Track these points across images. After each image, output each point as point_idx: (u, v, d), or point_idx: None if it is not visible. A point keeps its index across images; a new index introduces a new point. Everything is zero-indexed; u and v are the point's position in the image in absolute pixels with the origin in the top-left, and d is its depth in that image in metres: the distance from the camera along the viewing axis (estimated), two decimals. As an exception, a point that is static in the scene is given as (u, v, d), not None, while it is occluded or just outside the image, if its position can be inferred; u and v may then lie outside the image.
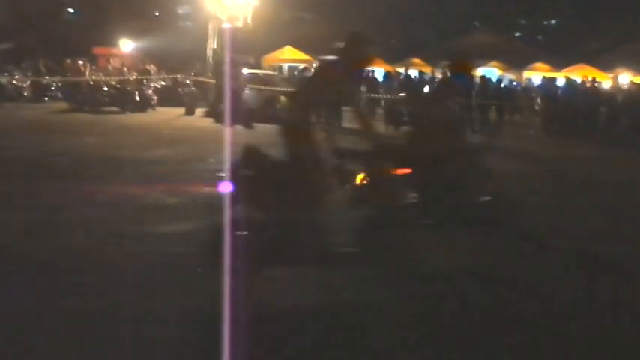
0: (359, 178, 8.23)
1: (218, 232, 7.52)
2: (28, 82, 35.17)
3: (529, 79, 44.82)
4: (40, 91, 34.85)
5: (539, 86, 34.30)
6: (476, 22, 68.21)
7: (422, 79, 32.06)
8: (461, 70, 11.22)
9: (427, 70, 45.95)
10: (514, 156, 21.63)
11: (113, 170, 15.30)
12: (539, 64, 51.55)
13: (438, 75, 37.40)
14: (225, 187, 7.71)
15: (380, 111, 30.60)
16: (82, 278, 7.92)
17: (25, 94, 34.30)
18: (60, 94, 34.24)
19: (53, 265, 8.30)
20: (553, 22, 75.51)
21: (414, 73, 40.20)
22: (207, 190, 13.28)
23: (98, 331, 6.48)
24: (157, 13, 56.97)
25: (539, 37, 71.84)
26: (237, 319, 6.51)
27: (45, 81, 35.67)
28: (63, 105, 31.25)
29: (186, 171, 15.71)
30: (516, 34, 70.63)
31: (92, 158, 16.81)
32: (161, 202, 12.26)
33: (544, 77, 36.45)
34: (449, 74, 11.21)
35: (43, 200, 11.96)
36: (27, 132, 21.44)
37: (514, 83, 41.25)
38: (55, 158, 16.66)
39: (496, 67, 52.16)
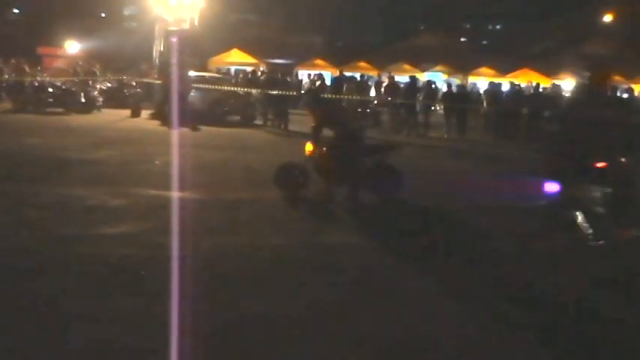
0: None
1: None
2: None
3: (474, 84, 45.30)
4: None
5: (485, 91, 34.65)
6: (422, 26, 68.80)
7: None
8: (601, 81, 10.95)
9: (373, 73, 46.31)
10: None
11: (56, 171, 15.24)
12: (484, 69, 52.24)
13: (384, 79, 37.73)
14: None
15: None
16: (23, 280, 7.91)
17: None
18: (4, 94, 33.84)
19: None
20: (498, 27, 76.46)
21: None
22: (151, 191, 13.33)
23: (39, 333, 6.49)
24: (102, 14, 56.64)
25: (484, 41, 72.71)
26: (185, 319, 6.62)
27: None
28: (6, 105, 30.91)
29: (130, 172, 15.66)
30: (462, 38, 71.42)
31: (35, 159, 16.67)
32: (104, 204, 12.23)
33: (491, 82, 36.83)
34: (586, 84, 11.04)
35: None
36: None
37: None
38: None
39: (441, 70, 52.74)
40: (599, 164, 10.08)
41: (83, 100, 31.28)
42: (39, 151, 18.10)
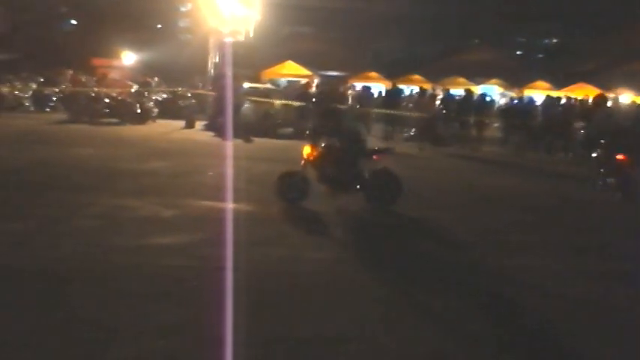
0: None
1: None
2: (30, 93, 35.24)
3: (530, 98, 44.83)
4: (41, 102, 34.91)
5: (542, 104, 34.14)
6: (476, 40, 68.35)
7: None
8: None
9: (427, 86, 46.07)
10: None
11: (109, 182, 15.33)
12: (539, 82, 51.73)
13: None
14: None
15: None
16: (76, 289, 7.95)
17: (27, 104, 34.38)
18: (61, 105, 34.28)
19: (46, 276, 8.32)
20: (554, 40, 75.70)
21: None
22: (202, 203, 13.35)
23: (91, 343, 6.49)
24: (158, 26, 57.12)
25: (540, 55, 72.05)
26: (237, 327, 6.58)
27: (46, 92, 35.73)
28: (63, 116, 31.29)
29: (182, 183, 15.71)
30: (517, 52, 70.84)
31: (88, 169, 16.82)
32: (156, 215, 12.27)
33: (548, 96, 36.29)
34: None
35: (38, 211, 11.98)
36: (25, 142, 21.44)
37: (514, 101, 41.13)
38: (51, 169, 16.68)
39: (496, 84, 52.33)
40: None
41: (138, 110, 31.57)
42: (92, 161, 18.26)
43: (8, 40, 45.65)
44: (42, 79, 37.37)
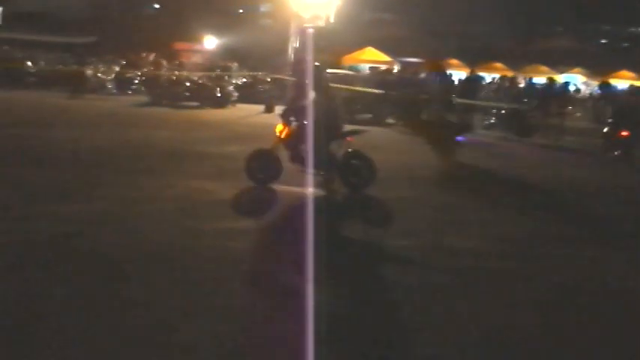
0: None
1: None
2: (113, 76, 35.74)
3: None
4: (123, 85, 35.37)
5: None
6: (559, 28, 67.17)
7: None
8: None
9: (509, 74, 45.35)
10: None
11: (187, 164, 15.41)
12: (623, 72, 50.64)
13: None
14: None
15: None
16: (149, 271, 7.95)
17: (109, 87, 34.87)
18: (142, 88, 34.68)
19: (122, 257, 8.35)
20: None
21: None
22: (279, 187, 13.30)
23: (163, 325, 6.47)
24: (240, 11, 57.36)
25: (625, 44, 70.47)
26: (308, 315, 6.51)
27: (128, 75, 36.19)
28: (144, 99, 31.63)
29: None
30: (601, 40, 69.43)
31: (168, 152, 16.92)
32: (233, 198, 12.27)
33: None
34: None
35: (116, 192, 12.08)
36: (106, 124, 21.71)
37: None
38: (131, 151, 16.85)
39: (579, 73, 51.39)
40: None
41: (218, 94, 31.75)
42: (171, 143, 18.37)
43: (92, 24, 46.30)
44: (124, 62, 37.86)
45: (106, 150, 16.64)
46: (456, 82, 36.63)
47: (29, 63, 36.00)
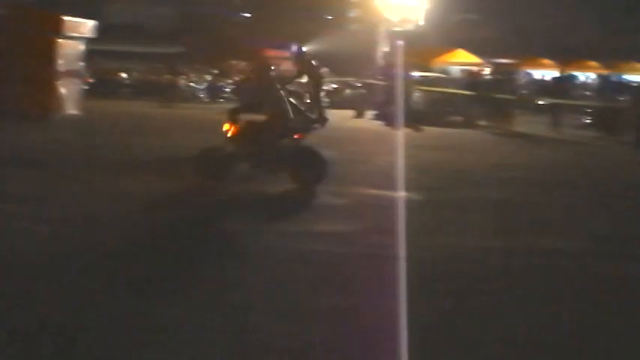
0: None
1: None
2: (204, 84, 36.18)
3: None
4: (214, 93, 35.73)
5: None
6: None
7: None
8: None
9: (602, 72, 44.36)
10: None
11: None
12: None
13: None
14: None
15: None
16: (244, 273, 7.93)
17: (201, 95, 35.28)
18: (233, 96, 34.97)
19: (218, 262, 8.36)
20: None
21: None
22: (372, 191, 13.21)
23: (255, 327, 6.43)
24: (328, 16, 57.43)
25: None
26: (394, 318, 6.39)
27: (219, 83, 36.56)
28: (235, 105, 31.84)
29: (351, 171, 15.62)
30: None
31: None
32: (324, 202, 12.23)
33: None
34: None
35: (201, 197, 12.15)
36: (196, 130, 21.93)
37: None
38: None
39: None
40: None
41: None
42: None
43: (182, 34, 46.93)
44: (215, 71, 38.27)
45: (191, 156, 16.69)
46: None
47: (123, 74, 36.66)
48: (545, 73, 46.15)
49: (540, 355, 6.28)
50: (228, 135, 13.44)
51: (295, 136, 13.61)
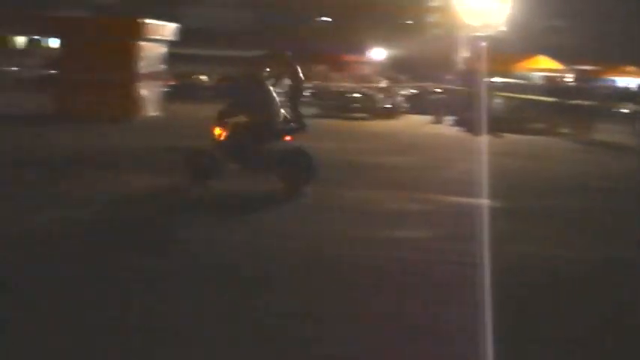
0: None
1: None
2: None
3: None
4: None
5: None
6: None
7: None
8: None
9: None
10: None
11: (355, 174, 15.33)
12: None
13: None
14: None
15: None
16: (314, 279, 7.84)
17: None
18: (312, 100, 35.05)
19: (283, 265, 8.28)
20: None
21: None
22: (450, 198, 13.04)
23: (335, 334, 6.34)
24: (408, 21, 57.26)
25: None
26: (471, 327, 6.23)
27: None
28: (314, 110, 31.92)
29: (429, 178, 15.47)
30: None
31: (335, 162, 16.90)
32: (401, 208, 12.09)
33: None
34: None
35: (281, 202, 12.11)
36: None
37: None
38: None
39: None
40: None
41: (387, 106, 31.76)
42: (340, 154, 18.35)
43: (260, 38, 47.24)
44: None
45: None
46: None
47: (204, 77, 37.02)
48: (629, 80, 45.22)
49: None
50: (217, 136, 13.34)
51: (286, 138, 13.49)
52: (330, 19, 56.91)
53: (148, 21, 23.78)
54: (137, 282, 7.37)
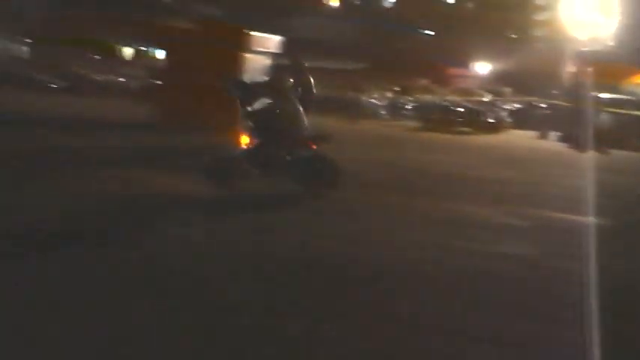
0: None
1: None
2: (385, 101, 36.35)
3: None
4: (396, 110, 35.85)
5: None
6: None
7: None
8: None
9: None
10: None
11: (459, 188, 15.20)
12: None
13: None
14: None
15: None
16: (418, 292, 7.76)
17: (382, 112, 35.41)
18: (415, 113, 34.98)
19: (386, 277, 8.21)
20: None
21: None
22: (556, 214, 12.81)
23: (429, 348, 6.25)
24: (513, 35, 56.58)
25: None
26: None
27: (401, 100, 36.68)
28: (417, 124, 31.86)
29: (534, 193, 15.23)
30: None
31: (438, 175, 16.83)
32: (503, 223, 11.90)
33: None
34: None
35: (379, 212, 12.05)
36: (374, 146, 21.98)
37: None
38: (398, 172, 16.92)
39: None
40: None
41: (491, 120, 31.49)
42: (442, 167, 18.28)
43: (365, 50, 47.39)
44: (398, 89, 38.39)
45: (369, 170, 16.61)
46: None
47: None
48: None
49: None
50: (242, 143, 13.25)
51: (310, 145, 13.27)
52: (433, 32, 56.66)
53: (254, 32, 24.01)
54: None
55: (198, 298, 6.83)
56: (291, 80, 14.00)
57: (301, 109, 13.41)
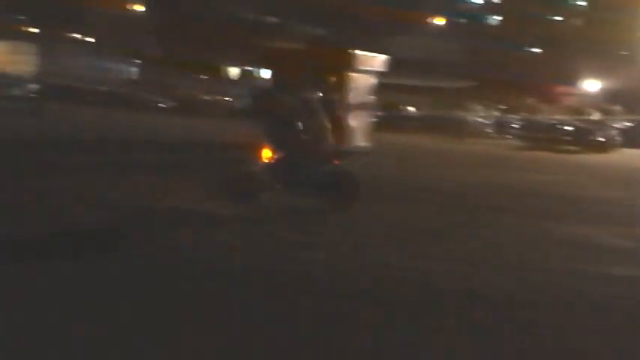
0: None
1: None
2: (492, 120, 36.06)
3: None
4: (502, 128, 35.52)
5: None
6: None
7: None
8: None
9: None
10: None
11: (567, 208, 14.90)
12: None
13: None
14: None
15: None
16: (535, 316, 7.58)
17: (488, 131, 35.10)
18: (521, 132, 34.57)
19: (497, 298, 8.07)
20: None
21: None
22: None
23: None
24: (623, 52, 55.37)
25: None
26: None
27: (507, 118, 36.34)
28: (523, 143, 31.46)
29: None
30: None
31: (546, 196, 16.54)
32: (617, 245, 11.60)
33: None
34: None
35: (485, 234, 11.86)
36: (479, 166, 21.79)
37: None
38: (505, 193, 16.76)
39: None
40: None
41: (600, 139, 30.92)
42: (550, 187, 17.97)
43: (469, 69, 47.07)
44: (504, 107, 38.06)
45: (474, 192, 16.51)
46: None
47: (411, 108, 37.23)
48: None
49: None
50: (264, 157, 13.05)
51: (334, 161, 13.14)
52: (540, 50, 55.89)
53: (358, 52, 24.10)
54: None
55: (221, 313, 6.82)
56: (320, 94, 14.02)
57: (328, 125, 13.42)
